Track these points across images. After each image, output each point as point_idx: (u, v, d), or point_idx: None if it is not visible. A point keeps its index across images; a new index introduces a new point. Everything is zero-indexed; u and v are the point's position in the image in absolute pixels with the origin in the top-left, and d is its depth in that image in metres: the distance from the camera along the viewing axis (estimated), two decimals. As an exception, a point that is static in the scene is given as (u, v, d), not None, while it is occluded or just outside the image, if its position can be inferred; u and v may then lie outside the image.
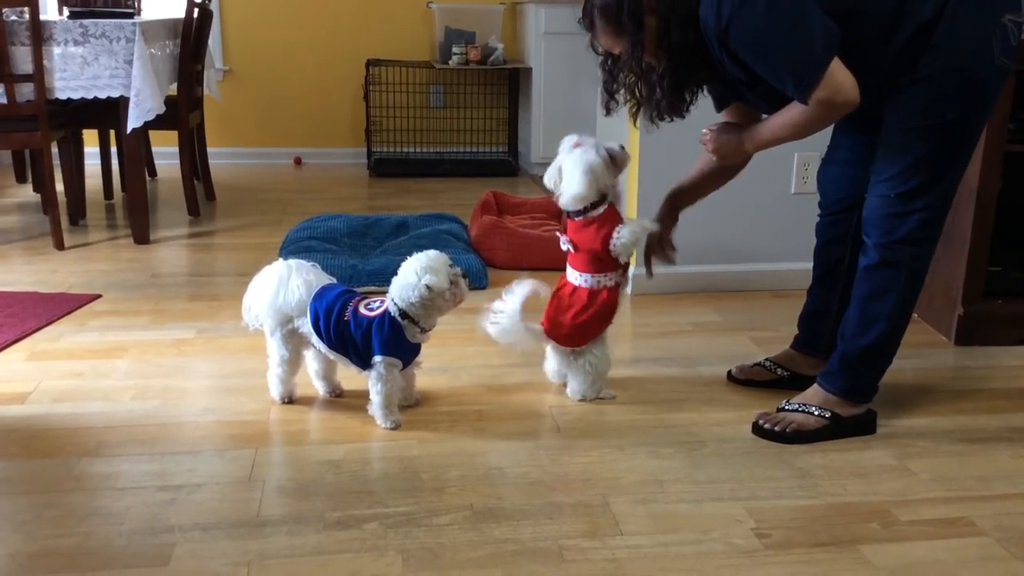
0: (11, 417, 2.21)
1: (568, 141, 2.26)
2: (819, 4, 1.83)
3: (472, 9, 5.63)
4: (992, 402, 2.39)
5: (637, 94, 2.06)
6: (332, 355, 2.20)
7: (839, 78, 1.84)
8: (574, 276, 2.33)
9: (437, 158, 5.73)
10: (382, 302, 2.15)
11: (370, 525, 1.76)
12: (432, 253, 2.12)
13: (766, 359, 2.47)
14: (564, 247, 2.35)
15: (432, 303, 2.10)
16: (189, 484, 1.90)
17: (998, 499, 1.91)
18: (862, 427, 2.17)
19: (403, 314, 2.11)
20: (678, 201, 2.33)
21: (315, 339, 2.17)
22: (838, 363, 2.15)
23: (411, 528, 1.75)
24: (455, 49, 5.43)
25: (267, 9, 5.59)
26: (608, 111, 2.13)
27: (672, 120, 2.06)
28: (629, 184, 3.25)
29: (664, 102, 2.01)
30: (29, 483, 1.91)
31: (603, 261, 2.27)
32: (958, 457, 2.08)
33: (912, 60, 1.90)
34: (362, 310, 2.14)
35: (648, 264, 2.39)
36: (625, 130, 3.06)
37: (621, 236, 2.23)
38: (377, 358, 2.12)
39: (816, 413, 2.14)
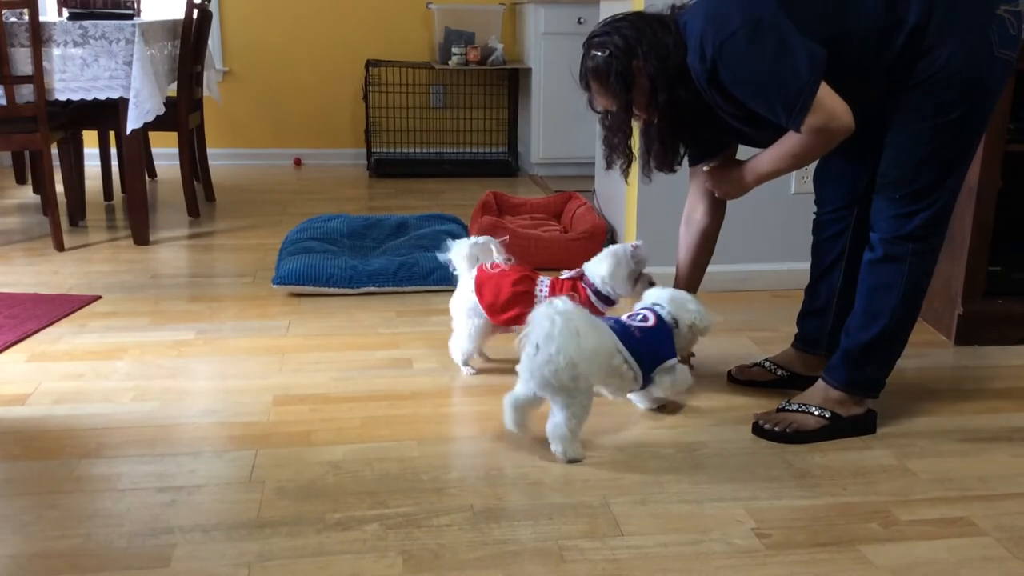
0: (11, 418, 2.21)
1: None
2: (805, 31, 1.85)
3: (472, 9, 5.63)
4: (992, 402, 2.39)
5: (629, 151, 2.12)
6: (636, 370, 2.12)
7: (832, 104, 1.86)
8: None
9: (437, 158, 5.74)
10: (644, 315, 2.18)
11: (370, 526, 1.76)
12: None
13: (766, 359, 2.47)
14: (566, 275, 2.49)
15: (692, 335, 2.27)
16: (189, 485, 1.90)
17: (999, 499, 1.91)
18: (862, 427, 2.17)
19: (676, 322, 2.22)
20: None
21: (632, 367, 2.11)
22: (841, 357, 2.16)
23: (411, 529, 1.75)
24: (455, 49, 5.43)
25: (267, 10, 5.59)
26: (608, 165, 2.18)
27: (666, 172, 2.11)
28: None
29: (656, 157, 2.10)
30: (30, 484, 1.92)
31: None
32: (958, 457, 2.08)
33: (909, 65, 1.90)
34: (640, 324, 2.16)
35: None
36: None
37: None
38: (672, 361, 2.18)
39: (816, 413, 2.14)
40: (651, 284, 2.42)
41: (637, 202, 3.17)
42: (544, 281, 2.45)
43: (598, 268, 2.42)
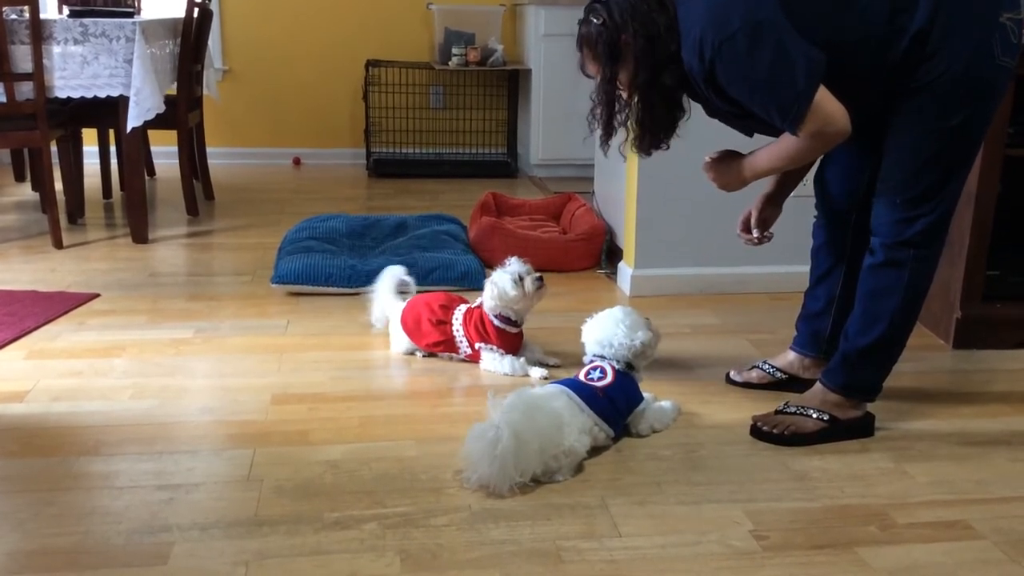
0: (10, 416, 2.21)
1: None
2: (805, 31, 1.84)
3: (472, 10, 5.62)
4: (990, 406, 2.39)
5: (609, 124, 2.10)
6: (608, 430, 2.09)
7: (828, 109, 1.86)
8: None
9: (436, 159, 5.73)
10: (601, 370, 2.14)
11: (368, 525, 1.76)
12: (626, 311, 2.25)
13: (764, 361, 2.47)
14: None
15: (643, 354, 2.23)
16: (187, 483, 1.90)
17: (996, 502, 1.91)
18: (860, 430, 2.18)
19: (629, 366, 2.20)
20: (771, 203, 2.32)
21: (605, 430, 2.08)
22: (839, 360, 2.16)
23: (409, 528, 1.75)
24: (455, 50, 5.43)
25: (267, 9, 5.59)
26: (591, 129, 2.16)
27: (641, 155, 2.11)
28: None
29: (634, 135, 2.07)
30: (28, 481, 1.91)
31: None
32: (956, 460, 2.09)
33: (912, 69, 1.90)
34: (599, 385, 2.10)
35: (746, 225, 2.34)
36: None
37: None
38: (642, 405, 2.16)
39: (814, 416, 2.14)
40: (540, 279, 2.51)
41: (636, 203, 3.17)
42: (461, 310, 2.58)
43: (488, 301, 2.52)
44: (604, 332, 2.20)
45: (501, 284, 2.48)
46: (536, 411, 1.94)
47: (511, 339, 2.53)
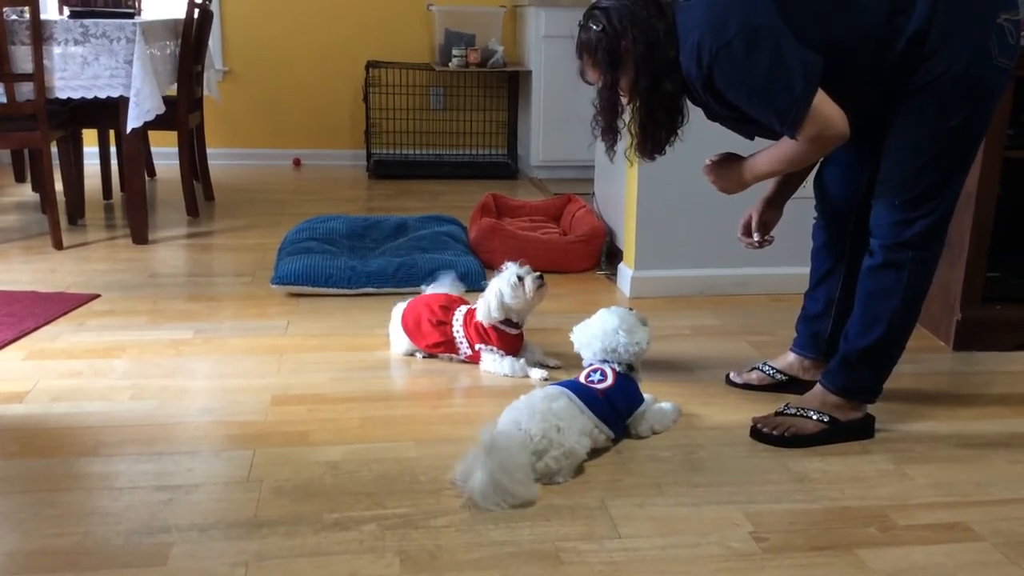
0: (9, 416, 2.21)
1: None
2: (804, 32, 1.84)
3: (472, 11, 5.63)
4: (990, 408, 2.39)
5: (613, 130, 2.10)
6: (608, 432, 2.08)
7: (826, 112, 1.86)
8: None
9: (436, 160, 5.74)
10: (601, 372, 2.15)
11: (368, 526, 1.76)
12: (620, 316, 2.24)
13: (763, 363, 2.47)
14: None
15: (641, 355, 2.25)
16: (187, 484, 1.90)
17: (996, 504, 1.91)
18: (860, 431, 2.18)
19: (630, 368, 2.21)
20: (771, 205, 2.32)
21: (605, 431, 2.07)
22: (839, 362, 2.16)
23: (409, 530, 1.75)
24: (455, 51, 5.43)
25: (267, 10, 5.59)
26: (594, 135, 2.16)
27: (644, 159, 2.11)
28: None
29: (637, 139, 2.08)
30: (27, 482, 1.91)
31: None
32: (956, 462, 2.09)
33: (910, 70, 1.90)
34: (599, 387, 2.11)
35: (747, 228, 2.34)
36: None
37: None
38: (642, 407, 2.16)
39: (814, 417, 2.14)
40: (540, 278, 2.51)
41: (636, 205, 3.17)
42: (461, 311, 2.58)
43: (485, 317, 2.50)
44: (605, 342, 2.20)
45: (500, 290, 2.49)
46: (515, 451, 1.88)
47: (511, 340, 2.53)
